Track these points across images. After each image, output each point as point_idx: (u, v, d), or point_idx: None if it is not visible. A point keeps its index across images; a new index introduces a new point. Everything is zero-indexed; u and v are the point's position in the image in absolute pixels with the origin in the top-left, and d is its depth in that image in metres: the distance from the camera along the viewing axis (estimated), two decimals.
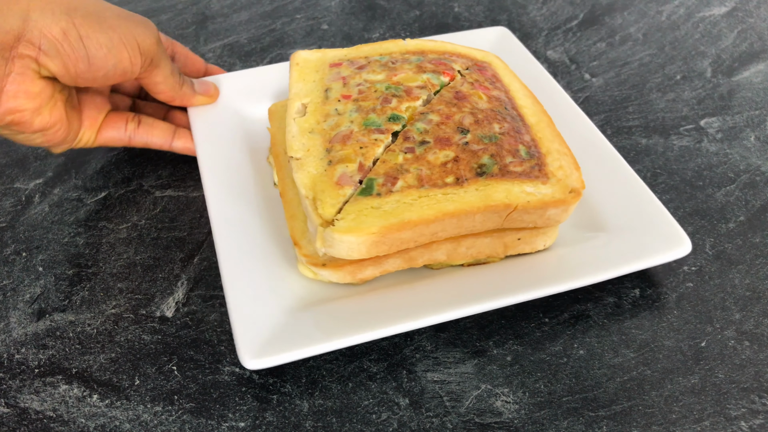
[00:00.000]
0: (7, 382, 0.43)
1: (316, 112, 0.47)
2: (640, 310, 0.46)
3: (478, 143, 0.44)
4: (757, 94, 0.63)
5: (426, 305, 0.42)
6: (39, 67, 0.44)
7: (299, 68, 0.51)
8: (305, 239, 0.44)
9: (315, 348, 0.40)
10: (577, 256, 0.45)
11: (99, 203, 0.54)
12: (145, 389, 0.42)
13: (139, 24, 0.47)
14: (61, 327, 0.46)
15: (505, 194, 0.42)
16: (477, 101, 0.48)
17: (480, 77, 0.50)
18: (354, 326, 0.41)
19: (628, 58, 0.68)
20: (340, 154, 0.44)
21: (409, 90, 0.48)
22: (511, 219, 0.43)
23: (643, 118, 0.61)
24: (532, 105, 0.50)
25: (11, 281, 0.49)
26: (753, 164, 0.56)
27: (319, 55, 0.52)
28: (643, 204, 0.48)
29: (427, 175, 0.43)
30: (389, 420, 0.40)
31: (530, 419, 0.40)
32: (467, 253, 0.45)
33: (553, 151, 0.46)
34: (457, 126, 0.45)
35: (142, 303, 0.47)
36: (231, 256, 0.45)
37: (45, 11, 0.43)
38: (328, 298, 0.44)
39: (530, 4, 0.77)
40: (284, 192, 0.48)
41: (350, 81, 0.49)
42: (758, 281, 0.47)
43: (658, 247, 0.45)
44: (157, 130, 0.54)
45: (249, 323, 0.41)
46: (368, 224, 0.40)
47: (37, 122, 0.46)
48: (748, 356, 0.43)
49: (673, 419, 0.40)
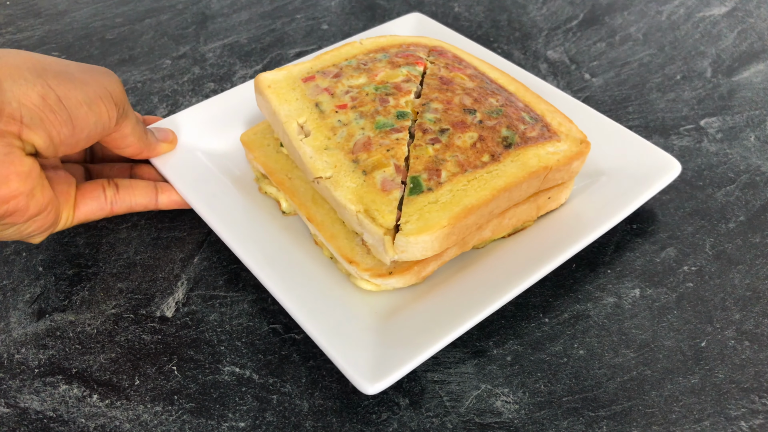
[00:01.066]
0: (7, 382, 0.43)
1: (319, 128, 0.46)
2: (640, 310, 0.46)
3: (489, 119, 0.46)
4: (757, 94, 0.63)
5: (497, 285, 0.43)
6: (23, 143, 0.39)
7: (273, 90, 0.49)
8: (358, 254, 0.44)
9: (420, 357, 0.39)
10: (593, 200, 0.49)
11: None
12: (145, 389, 0.42)
13: (104, 74, 0.44)
14: (61, 327, 0.46)
15: (537, 159, 0.45)
16: (462, 82, 0.49)
17: (447, 61, 0.52)
18: (443, 325, 0.41)
19: (628, 58, 0.68)
20: (370, 161, 0.43)
21: (398, 86, 0.48)
22: (546, 180, 0.45)
23: (643, 118, 0.61)
24: (501, 75, 0.52)
25: (11, 281, 0.49)
26: (753, 164, 0.56)
27: (285, 73, 0.51)
28: (626, 142, 0.52)
29: (465, 159, 0.44)
30: (389, 420, 0.40)
31: (530, 419, 0.40)
32: (509, 224, 0.47)
33: (545, 111, 0.49)
34: (462, 108, 0.47)
35: (142, 303, 0.47)
36: (294, 297, 0.42)
37: (16, 78, 0.38)
38: (400, 305, 0.43)
39: (530, 4, 0.76)
40: (311, 216, 0.46)
41: (336, 90, 0.49)
42: (758, 281, 0.47)
43: (654, 174, 0.49)
44: (138, 190, 0.49)
45: (349, 353, 0.39)
46: (436, 219, 0.40)
47: (32, 207, 0.40)
48: (748, 356, 0.43)
49: (673, 419, 0.40)
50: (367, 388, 0.38)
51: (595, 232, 0.46)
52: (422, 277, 0.44)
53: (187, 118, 0.55)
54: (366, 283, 0.44)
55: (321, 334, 0.40)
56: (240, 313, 0.46)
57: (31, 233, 0.43)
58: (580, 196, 0.50)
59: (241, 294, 0.47)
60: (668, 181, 0.49)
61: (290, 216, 0.50)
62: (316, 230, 0.46)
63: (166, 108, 0.63)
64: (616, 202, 0.48)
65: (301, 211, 0.47)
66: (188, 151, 0.53)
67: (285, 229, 0.48)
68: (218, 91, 0.65)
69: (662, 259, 0.49)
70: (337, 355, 0.39)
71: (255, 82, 0.50)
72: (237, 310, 0.46)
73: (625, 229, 0.51)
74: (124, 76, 0.67)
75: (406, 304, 0.43)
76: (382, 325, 0.42)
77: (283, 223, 0.49)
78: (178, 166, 0.51)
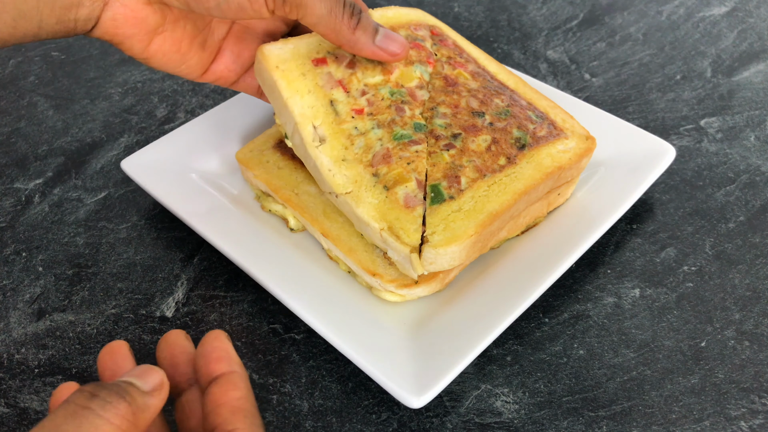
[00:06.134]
0: (7, 382, 0.43)
1: (336, 135, 0.44)
2: (640, 310, 0.46)
3: (499, 120, 0.46)
4: (757, 94, 0.63)
5: (522, 284, 0.43)
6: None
7: (283, 73, 0.44)
8: (380, 266, 0.43)
9: (460, 364, 0.39)
10: (598, 191, 0.50)
11: (99, 203, 0.54)
12: None
13: None
14: (61, 327, 0.46)
15: (550, 159, 0.45)
16: (466, 82, 0.48)
17: (449, 52, 0.50)
18: (477, 329, 0.40)
19: (628, 58, 0.68)
20: (391, 175, 0.42)
21: (412, 93, 0.46)
22: (559, 179, 0.46)
23: (643, 118, 0.61)
24: (498, 67, 0.52)
25: (11, 281, 0.49)
26: (753, 164, 0.56)
27: (292, 48, 0.45)
28: (621, 132, 0.53)
29: (482, 163, 0.43)
30: (389, 420, 0.40)
31: (530, 419, 0.40)
32: (523, 223, 0.47)
33: (547, 107, 0.49)
34: (470, 111, 0.46)
35: (142, 303, 0.47)
36: (322, 317, 0.42)
37: None
38: (428, 313, 0.43)
39: (530, 4, 0.76)
40: (326, 231, 0.45)
41: (351, 87, 0.45)
42: (758, 281, 0.47)
43: (651, 161, 0.50)
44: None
45: (388, 368, 0.39)
46: (463, 229, 0.40)
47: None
48: (748, 356, 0.43)
49: (673, 419, 0.40)
50: (412, 402, 0.37)
51: (606, 223, 0.46)
52: (445, 284, 0.44)
53: (174, 141, 0.54)
54: (391, 295, 0.43)
55: (357, 352, 0.40)
56: (240, 313, 0.46)
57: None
58: (583, 188, 0.50)
59: (241, 294, 0.47)
60: (665, 165, 0.50)
61: (299, 233, 0.49)
62: (331, 245, 0.45)
63: (165, 108, 0.63)
64: (620, 192, 0.48)
65: (314, 226, 0.46)
66: (182, 174, 0.52)
67: (297, 247, 0.47)
68: (217, 90, 0.65)
69: (662, 259, 0.49)
70: (378, 372, 0.39)
71: (259, 55, 0.44)
72: (237, 310, 0.46)
73: (625, 229, 0.51)
74: (124, 77, 0.67)
75: (434, 311, 0.43)
76: (414, 336, 0.41)
77: (293, 240, 0.48)
78: (175, 191, 0.50)
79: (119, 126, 0.62)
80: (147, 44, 0.42)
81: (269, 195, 0.50)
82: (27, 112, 0.63)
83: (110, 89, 0.66)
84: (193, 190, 0.51)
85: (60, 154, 0.59)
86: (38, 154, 0.59)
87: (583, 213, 0.48)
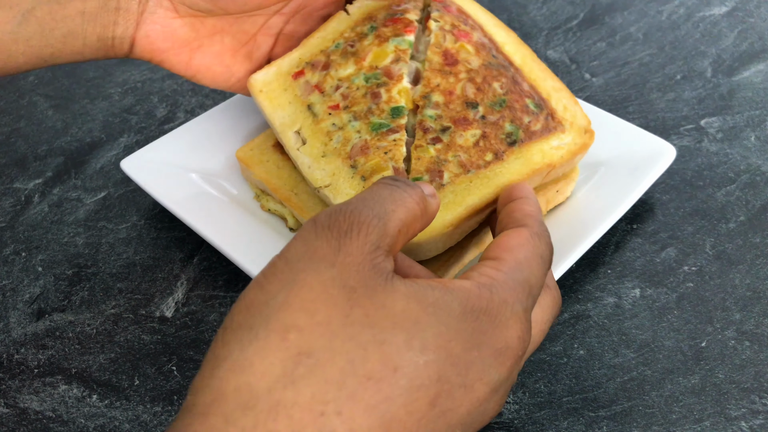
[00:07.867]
0: (6, 382, 0.43)
1: (315, 135, 0.45)
2: (640, 310, 0.46)
3: (492, 113, 0.45)
4: (757, 94, 0.63)
5: None
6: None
7: (266, 95, 0.47)
8: None
9: None
10: (598, 190, 0.50)
11: (99, 203, 0.54)
12: (145, 389, 0.42)
13: None
14: (61, 327, 0.46)
15: (541, 156, 0.44)
16: (467, 58, 0.47)
17: (452, 19, 0.48)
18: None
19: (628, 58, 0.68)
20: (368, 165, 0.42)
21: (388, 71, 0.45)
22: (549, 175, 0.45)
23: (643, 118, 0.61)
24: (507, 36, 0.50)
25: (11, 281, 0.49)
26: (753, 164, 0.56)
27: (275, 70, 0.48)
28: (621, 132, 0.53)
29: (467, 159, 0.43)
30: None
31: (530, 419, 0.40)
32: None
33: (551, 90, 0.48)
34: (464, 102, 0.45)
35: (142, 303, 0.47)
36: None
37: None
38: None
39: (530, 4, 0.76)
40: None
41: (325, 87, 0.46)
42: (758, 281, 0.47)
43: (651, 161, 0.50)
44: None
45: None
46: (439, 220, 0.40)
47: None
48: (749, 356, 0.43)
49: (673, 419, 0.40)
50: None
51: (606, 223, 0.46)
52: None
53: (174, 141, 0.54)
54: None
55: None
56: None
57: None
58: (583, 187, 0.50)
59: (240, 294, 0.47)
60: (666, 165, 0.50)
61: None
62: None
63: (165, 108, 0.63)
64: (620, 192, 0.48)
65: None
66: (181, 174, 0.51)
67: None
68: (217, 90, 0.65)
69: (662, 259, 0.49)
70: None
71: (248, 86, 0.48)
72: None
73: (625, 229, 0.51)
74: (124, 76, 0.67)
75: None
76: None
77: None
78: (175, 191, 0.50)
79: (119, 126, 0.62)
80: (188, 60, 0.44)
81: (268, 194, 0.50)
82: (27, 112, 0.63)
83: (110, 89, 0.66)
84: (193, 190, 0.51)
85: (59, 154, 0.59)
86: (38, 154, 0.59)
87: (583, 213, 0.48)
